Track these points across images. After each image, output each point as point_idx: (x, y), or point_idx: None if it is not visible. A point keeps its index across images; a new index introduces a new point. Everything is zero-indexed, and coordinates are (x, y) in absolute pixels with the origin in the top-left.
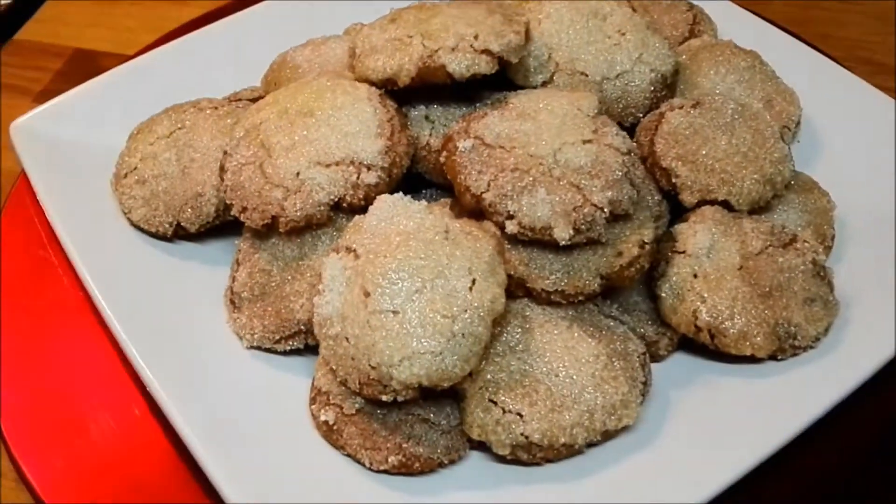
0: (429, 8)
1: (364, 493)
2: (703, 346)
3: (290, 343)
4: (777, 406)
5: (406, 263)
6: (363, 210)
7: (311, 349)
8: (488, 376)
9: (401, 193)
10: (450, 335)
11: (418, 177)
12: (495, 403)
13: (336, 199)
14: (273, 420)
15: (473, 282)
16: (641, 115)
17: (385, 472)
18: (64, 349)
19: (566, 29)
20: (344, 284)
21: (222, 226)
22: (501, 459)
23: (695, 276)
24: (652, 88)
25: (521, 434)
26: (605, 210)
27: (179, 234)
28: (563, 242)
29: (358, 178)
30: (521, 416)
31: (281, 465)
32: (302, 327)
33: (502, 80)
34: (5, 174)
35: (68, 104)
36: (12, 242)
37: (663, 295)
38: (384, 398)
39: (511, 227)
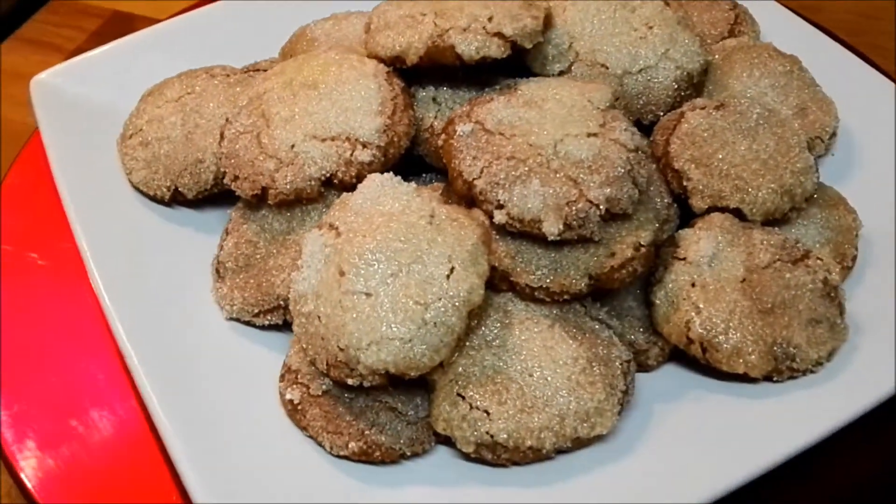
0: None
1: (318, 478)
2: (697, 359)
3: (269, 318)
4: (763, 432)
5: (384, 245)
6: (355, 188)
7: (291, 326)
8: (460, 369)
9: (391, 174)
10: (421, 322)
11: (420, 160)
12: (463, 398)
13: (328, 175)
14: (239, 394)
15: (452, 270)
16: (662, 114)
17: (345, 458)
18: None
19: (591, 18)
20: (322, 262)
21: (221, 195)
22: (466, 457)
23: (693, 284)
24: (676, 86)
25: (487, 432)
26: (601, 207)
27: (178, 199)
28: (552, 237)
29: (352, 154)
30: (487, 413)
31: (238, 439)
32: (281, 302)
33: (520, 67)
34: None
35: (90, 63)
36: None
37: (657, 302)
38: (350, 382)
39: (499, 216)
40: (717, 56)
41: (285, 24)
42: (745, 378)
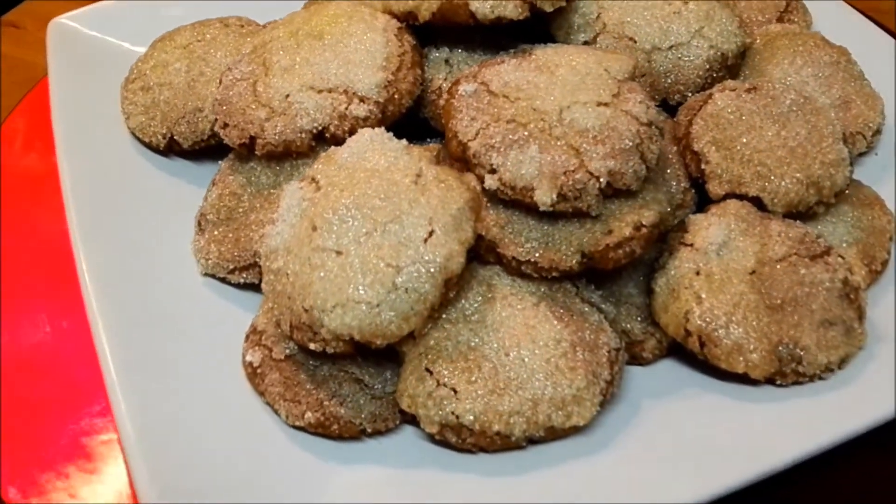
0: None
1: (268, 449)
2: (695, 355)
3: (244, 275)
4: (754, 440)
5: (362, 201)
6: None
7: None
8: (432, 342)
9: (383, 129)
10: (391, 287)
11: (425, 123)
12: (431, 373)
13: (320, 128)
14: (200, 354)
15: (431, 233)
16: (691, 95)
17: (301, 429)
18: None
19: None
20: (298, 216)
21: (222, 148)
22: (432, 439)
23: (697, 272)
24: (707, 66)
25: (452, 412)
26: (601, 180)
27: (174, 149)
28: (544, 207)
29: (347, 108)
30: (455, 392)
31: (191, 404)
32: (258, 259)
33: (543, 34)
34: None
35: (114, 9)
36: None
37: (657, 289)
38: (312, 346)
39: (491, 181)
40: (758, 40)
41: None
42: (746, 379)
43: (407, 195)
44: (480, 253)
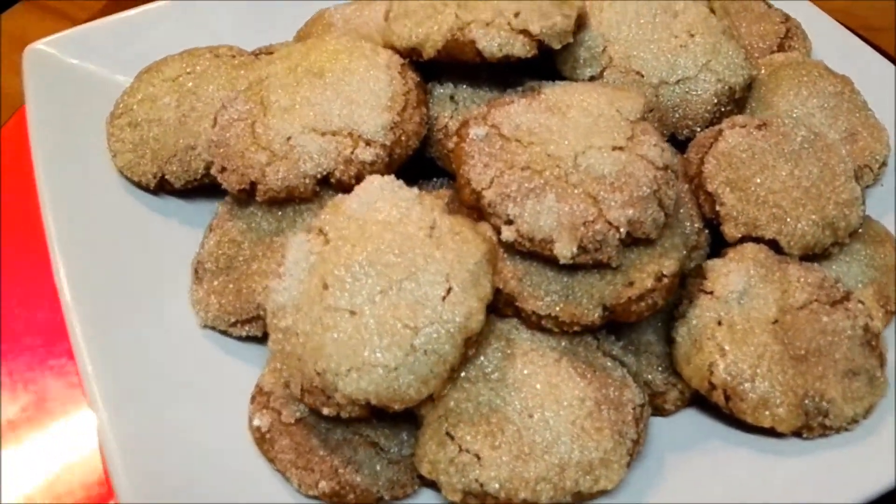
0: None
1: None
2: (719, 406)
3: (247, 328)
4: (786, 498)
5: (375, 257)
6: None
7: None
8: (451, 404)
9: (393, 177)
10: (409, 349)
11: (431, 162)
12: (452, 438)
13: (324, 173)
14: (203, 416)
15: (449, 290)
16: (699, 130)
17: (315, 498)
18: None
19: (629, 21)
20: (306, 271)
21: (215, 187)
22: None
23: (719, 322)
24: (716, 100)
25: (476, 480)
26: (621, 230)
27: (165, 188)
28: (564, 260)
29: (353, 152)
30: (478, 458)
31: (196, 472)
32: (261, 312)
33: (549, 68)
34: None
35: (92, 34)
36: None
37: (679, 339)
38: (326, 411)
39: (508, 233)
40: (762, 71)
41: (304, 5)
42: (771, 431)
43: (422, 249)
44: (498, 306)
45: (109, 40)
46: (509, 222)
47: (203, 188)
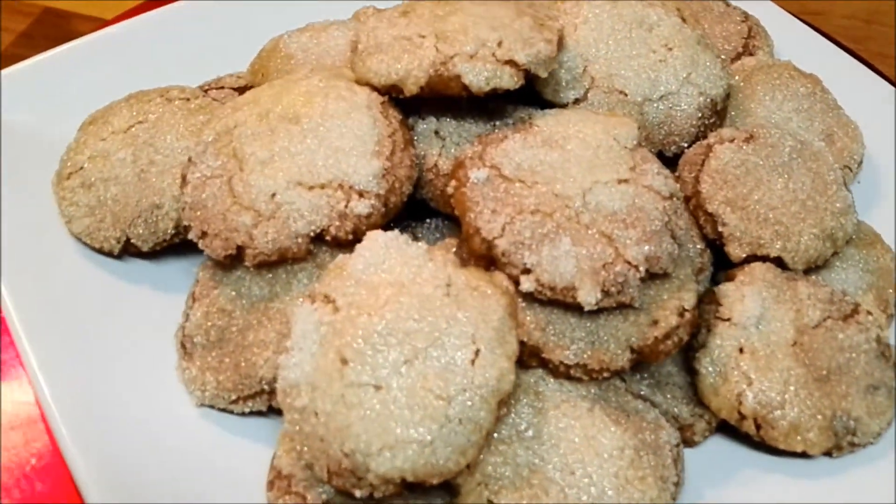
0: (448, 2)
1: None
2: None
3: (250, 404)
4: None
5: (395, 325)
6: (351, 244)
7: (277, 410)
8: (489, 469)
9: (397, 232)
10: (444, 421)
11: (422, 203)
12: None
13: (318, 231)
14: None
15: (477, 353)
16: (686, 145)
17: None
18: None
19: (606, 38)
20: (317, 344)
21: (183, 244)
22: None
23: (741, 350)
24: (700, 115)
25: None
26: (640, 269)
27: (130, 251)
28: (589, 307)
29: (346, 206)
30: None
31: None
32: (265, 386)
33: (529, 92)
34: None
35: (19, 78)
36: None
37: (703, 371)
38: (358, 494)
39: (527, 283)
40: (737, 77)
41: (252, 31)
42: (800, 453)
43: (442, 311)
44: (523, 358)
45: (37, 86)
46: (527, 271)
47: (171, 246)
